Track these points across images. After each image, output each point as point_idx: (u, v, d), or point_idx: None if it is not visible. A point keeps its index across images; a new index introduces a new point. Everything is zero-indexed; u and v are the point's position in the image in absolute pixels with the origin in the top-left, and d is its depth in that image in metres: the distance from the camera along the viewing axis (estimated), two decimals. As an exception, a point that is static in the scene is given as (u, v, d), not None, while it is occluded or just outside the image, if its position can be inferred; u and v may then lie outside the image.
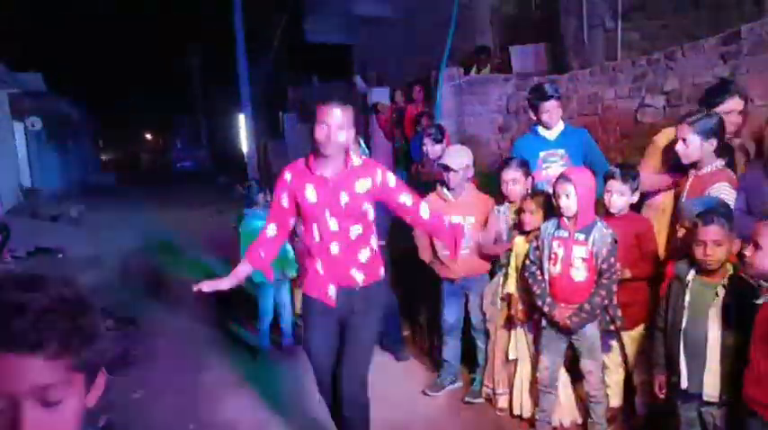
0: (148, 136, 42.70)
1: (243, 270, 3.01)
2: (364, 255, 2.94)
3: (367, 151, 4.90)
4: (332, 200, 2.84)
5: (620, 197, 3.27)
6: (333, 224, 2.86)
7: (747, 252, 2.20)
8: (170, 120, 36.59)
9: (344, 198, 2.83)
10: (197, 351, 5.25)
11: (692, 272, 2.65)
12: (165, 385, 4.50)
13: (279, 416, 3.98)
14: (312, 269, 2.97)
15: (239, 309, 5.96)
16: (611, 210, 3.31)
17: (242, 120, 16.79)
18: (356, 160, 2.92)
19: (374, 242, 3.01)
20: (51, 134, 17.89)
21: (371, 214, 2.95)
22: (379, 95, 8.92)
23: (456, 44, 7.33)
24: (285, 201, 2.94)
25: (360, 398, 2.95)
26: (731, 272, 2.54)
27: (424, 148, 4.90)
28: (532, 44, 7.20)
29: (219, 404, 4.20)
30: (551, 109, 3.95)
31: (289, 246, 4.92)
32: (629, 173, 3.26)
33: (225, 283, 2.95)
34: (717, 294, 2.54)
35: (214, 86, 25.71)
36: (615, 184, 3.26)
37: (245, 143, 16.43)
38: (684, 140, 3.04)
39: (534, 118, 4.08)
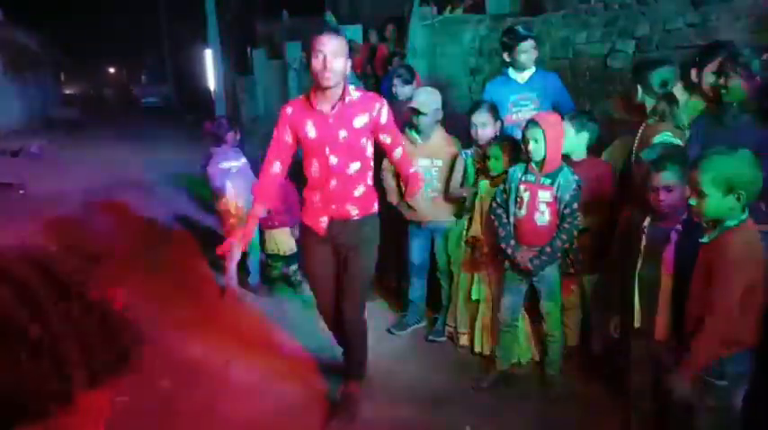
0: (111, 69, 41.15)
1: (258, 210, 3.12)
2: (360, 190, 3.05)
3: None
4: (331, 136, 2.91)
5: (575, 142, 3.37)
6: (332, 159, 2.95)
7: (692, 201, 2.25)
8: (134, 54, 35.38)
9: (343, 133, 2.91)
10: (164, 289, 5.25)
11: (648, 218, 2.72)
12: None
13: (244, 355, 4.05)
14: (309, 200, 3.13)
15: (207, 247, 5.95)
16: (571, 157, 3.39)
17: (209, 55, 16.31)
18: (354, 93, 2.96)
19: (370, 177, 3.12)
20: (8, 65, 17.14)
21: (370, 149, 3.06)
22: (353, 34, 8.72)
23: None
24: (288, 136, 3.01)
25: (359, 325, 3.24)
26: (685, 216, 2.61)
27: (393, 89, 4.84)
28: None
29: (186, 342, 4.25)
30: (528, 49, 3.94)
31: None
32: (581, 116, 3.41)
33: (250, 230, 3.11)
34: (670, 239, 2.62)
35: (179, 20, 24.78)
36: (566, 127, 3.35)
37: (212, 79, 16.01)
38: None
39: (508, 60, 4.05)
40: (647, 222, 2.72)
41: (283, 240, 5.07)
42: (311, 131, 2.93)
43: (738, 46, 2.97)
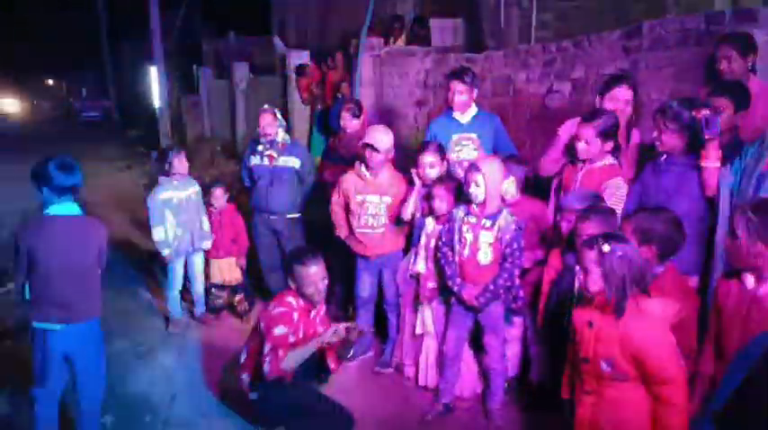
0: (50, 81, 39.73)
1: None
2: None
3: (284, 123, 4.90)
4: None
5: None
6: None
7: (580, 276, 2.41)
8: (75, 67, 34.32)
9: None
10: (107, 319, 5.11)
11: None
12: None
13: (191, 387, 4.03)
14: None
15: (151, 277, 5.86)
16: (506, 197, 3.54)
17: (153, 72, 16.03)
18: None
19: None
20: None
21: None
22: (299, 59, 8.79)
23: (378, 11, 7.31)
24: None
25: None
26: None
27: (342, 122, 4.94)
28: (451, 18, 7.28)
29: (130, 374, 4.18)
30: (456, 90, 4.02)
31: (204, 218, 4.87)
32: (508, 161, 3.55)
33: None
34: None
35: (123, 34, 24.30)
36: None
37: (156, 96, 15.74)
38: (587, 142, 3.28)
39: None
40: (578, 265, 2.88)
41: (229, 269, 5.06)
42: None
43: (667, 100, 3.17)
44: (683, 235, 2.65)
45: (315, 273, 3.30)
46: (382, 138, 3.93)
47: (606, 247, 2.27)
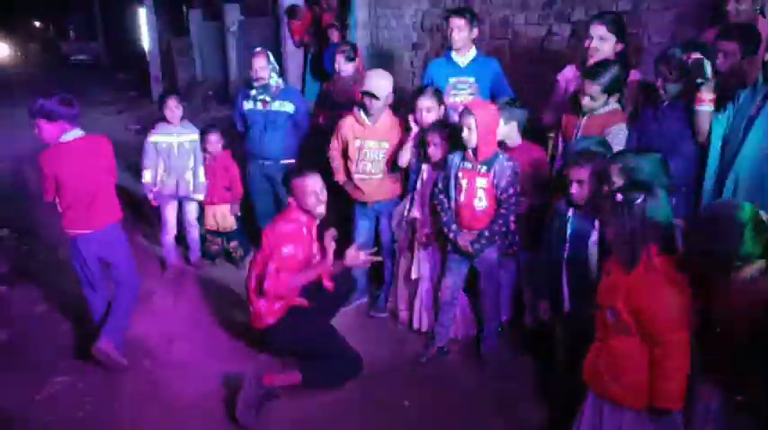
0: (37, 24, 38.57)
1: None
2: None
3: (277, 67, 4.79)
4: None
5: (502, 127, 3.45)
6: None
7: (573, 189, 2.48)
8: (62, 9, 33.33)
9: None
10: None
11: (571, 208, 2.89)
12: (69, 298, 4.42)
13: (185, 331, 4.07)
14: None
15: (147, 222, 5.84)
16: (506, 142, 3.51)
17: (142, 14, 15.60)
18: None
19: None
20: None
21: None
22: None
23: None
24: None
25: None
26: None
27: (337, 66, 4.84)
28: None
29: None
30: (455, 27, 3.96)
31: (201, 168, 4.80)
32: (508, 105, 3.49)
33: None
34: (594, 227, 2.80)
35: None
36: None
37: (146, 39, 15.37)
38: (593, 97, 3.20)
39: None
40: (570, 212, 2.88)
41: (223, 216, 5.05)
42: None
43: (669, 45, 3.08)
44: (670, 176, 2.62)
45: (314, 183, 3.36)
46: (381, 83, 3.85)
47: (618, 197, 2.22)
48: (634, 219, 2.18)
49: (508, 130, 3.44)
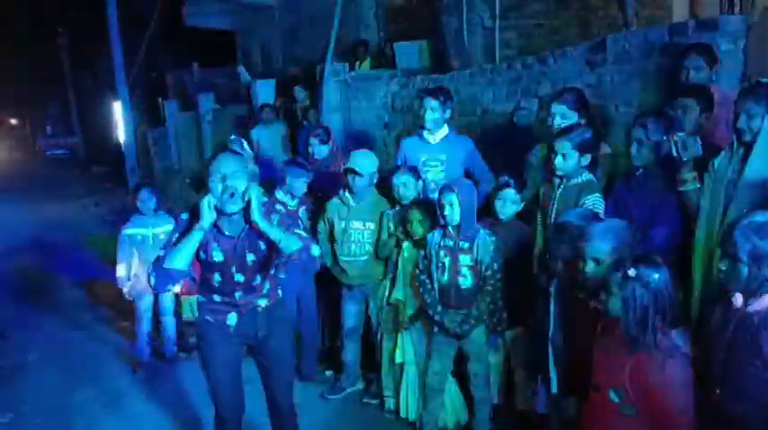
0: (13, 121, 38.93)
1: None
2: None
3: (251, 152, 4.79)
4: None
5: (512, 205, 3.46)
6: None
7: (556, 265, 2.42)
8: (37, 106, 33.75)
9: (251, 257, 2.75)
10: (72, 364, 4.93)
11: (554, 282, 2.79)
12: (36, 406, 4.22)
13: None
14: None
15: (122, 317, 5.64)
16: (500, 217, 3.48)
17: (117, 107, 15.80)
18: None
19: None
20: None
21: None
22: (264, 88, 8.72)
23: (341, 37, 7.27)
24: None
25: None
26: None
27: (310, 149, 4.84)
28: (416, 41, 7.28)
29: (95, 425, 3.97)
30: (428, 107, 3.95)
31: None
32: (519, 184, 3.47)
33: None
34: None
35: (85, 69, 23.95)
36: (510, 194, 3.45)
37: (121, 131, 15.50)
38: (563, 155, 3.12)
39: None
40: (553, 286, 2.79)
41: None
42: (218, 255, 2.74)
43: (644, 115, 3.06)
44: (637, 242, 2.54)
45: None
46: (365, 161, 3.84)
47: (632, 271, 2.09)
48: (647, 296, 2.05)
49: (510, 211, 3.47)
